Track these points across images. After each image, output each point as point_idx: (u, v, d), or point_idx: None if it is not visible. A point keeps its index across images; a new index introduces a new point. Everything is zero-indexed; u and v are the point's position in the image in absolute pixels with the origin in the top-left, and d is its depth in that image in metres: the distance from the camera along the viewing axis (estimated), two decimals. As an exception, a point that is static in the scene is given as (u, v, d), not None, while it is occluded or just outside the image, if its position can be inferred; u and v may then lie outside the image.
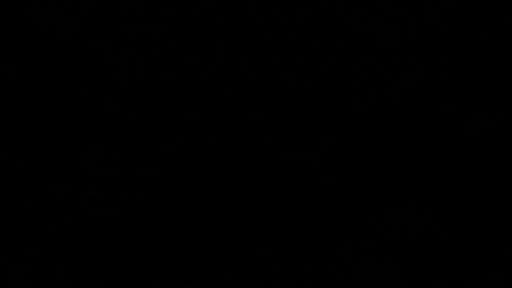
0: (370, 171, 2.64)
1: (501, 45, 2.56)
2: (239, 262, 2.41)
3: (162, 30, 2.68)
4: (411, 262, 2.21)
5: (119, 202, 2.59)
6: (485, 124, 2.51)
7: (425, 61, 2.73)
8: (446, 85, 2.69)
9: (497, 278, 2.05)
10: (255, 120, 2.88)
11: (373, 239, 2.36)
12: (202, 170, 2.74)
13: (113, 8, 2.57)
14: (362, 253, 2.30)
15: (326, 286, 2.18)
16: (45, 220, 2.47)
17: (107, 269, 2.39)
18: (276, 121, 2.97)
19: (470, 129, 2.51)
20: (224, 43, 2.78)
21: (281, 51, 2.82)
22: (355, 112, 2.76)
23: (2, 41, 2.37)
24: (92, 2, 2.58)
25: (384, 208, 2.51)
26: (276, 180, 2.74)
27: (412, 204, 2.49)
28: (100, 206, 2.57)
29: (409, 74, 2.75)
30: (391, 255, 2.27)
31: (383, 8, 2.70)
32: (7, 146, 2.44)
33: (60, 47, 2.54)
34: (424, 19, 2.71)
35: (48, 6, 2.45)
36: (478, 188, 2.43)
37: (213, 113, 2.83)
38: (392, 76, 2.75)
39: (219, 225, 2.67)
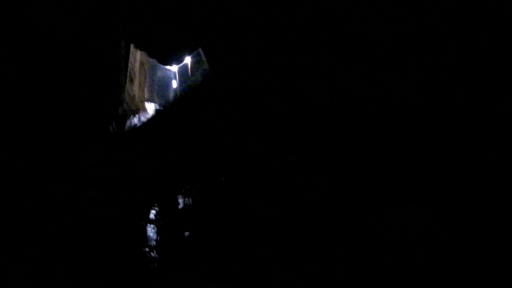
0: (370, 171, 2.64)
1: (501, 45, 2.56)
2: (239, 262, 2.41)
3: (162, 30, 2.68)
4: (411, 262, 2.21)
5: (119, 202, 2.59)
6: (485, 125, 2.51)
7: (425, 61, 2.73)
8: (446, 86, 2.69)
9: (497, 278, 2.05)
10: (255, 120, 2.88)
11: (373, 239, 2.36)
12: (202, 170, 2.75)
13: (113, 8, 2.58)
14: (362, 253, 2.30)
15: (326, 286, 2.19)
16: (45, 220, 2.47)
17: (107, 269, 2.39)
18: (276, 121, 2.98)
19: (470, 130, 2.51)
20: (224, 43, 2.78)
21: (281, 51, 2.82)
22: (356, 113, 2.76)
23: (2, 41, 2.37)
24: (92, 2, 2.58)
25: (384, 208, 2.51)
26: (276, 180, 2.74)
27: (412, 204, 2.49)
28: (100, 206, 2.57)
29: (409, 75, 2.75)
30: (391, 255, 2.27)
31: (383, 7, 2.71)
32: (7, 146, 2.44)
33: (60, 47, 2.54)
34: (424, 19, 2.71)
35: (48, 6, 2.45)
36: (478, 188, 2.43)
37: (213, 114, 2.83)
38: (392, 77, 2.75)
39: (219, 225, 2.67)
